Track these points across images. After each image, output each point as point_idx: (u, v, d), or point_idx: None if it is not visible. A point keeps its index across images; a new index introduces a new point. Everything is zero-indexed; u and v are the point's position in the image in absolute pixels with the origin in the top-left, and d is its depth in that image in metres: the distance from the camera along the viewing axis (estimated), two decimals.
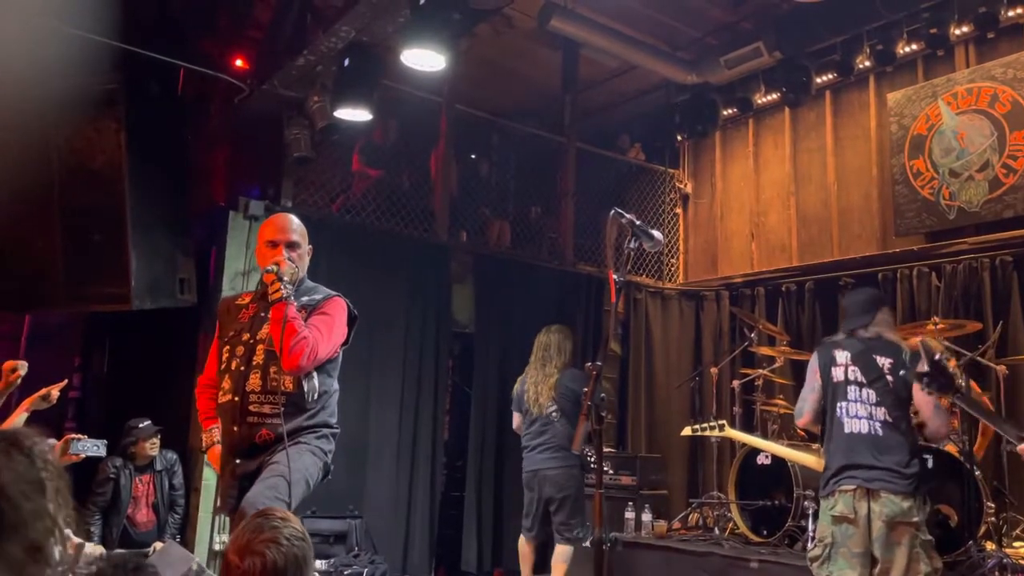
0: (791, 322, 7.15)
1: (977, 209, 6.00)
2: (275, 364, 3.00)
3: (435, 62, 5.15)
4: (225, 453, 3.09)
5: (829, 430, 3.72)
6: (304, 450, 2.98)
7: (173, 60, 5.65)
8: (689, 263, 8.26)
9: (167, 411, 5.84)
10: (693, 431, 5.52)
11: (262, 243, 3.18)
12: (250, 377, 3.04)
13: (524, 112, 7.82)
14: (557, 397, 5.27)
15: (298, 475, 2.88)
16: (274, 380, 3.00)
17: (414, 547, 6.31)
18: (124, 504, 5.27)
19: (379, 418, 6.29)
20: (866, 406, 3.59)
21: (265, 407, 3.00)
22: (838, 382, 3.69)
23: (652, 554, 5.37)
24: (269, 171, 6.12)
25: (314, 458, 3.00)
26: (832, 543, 3.54)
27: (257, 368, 3.04)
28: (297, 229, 3.22)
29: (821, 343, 3.99)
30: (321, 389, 3.09)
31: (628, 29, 7.07)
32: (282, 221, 3.24)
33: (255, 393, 3.01)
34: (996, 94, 5.95)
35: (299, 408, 3.03)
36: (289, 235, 3.17)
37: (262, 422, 2.97)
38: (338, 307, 3.13)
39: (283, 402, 2.96)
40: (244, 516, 2.70)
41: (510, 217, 7.55)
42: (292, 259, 3.11)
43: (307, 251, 3.25)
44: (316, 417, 3.07)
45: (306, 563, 1.80)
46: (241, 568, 1.74)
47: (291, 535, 1.80)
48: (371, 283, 6.29)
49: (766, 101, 7.48)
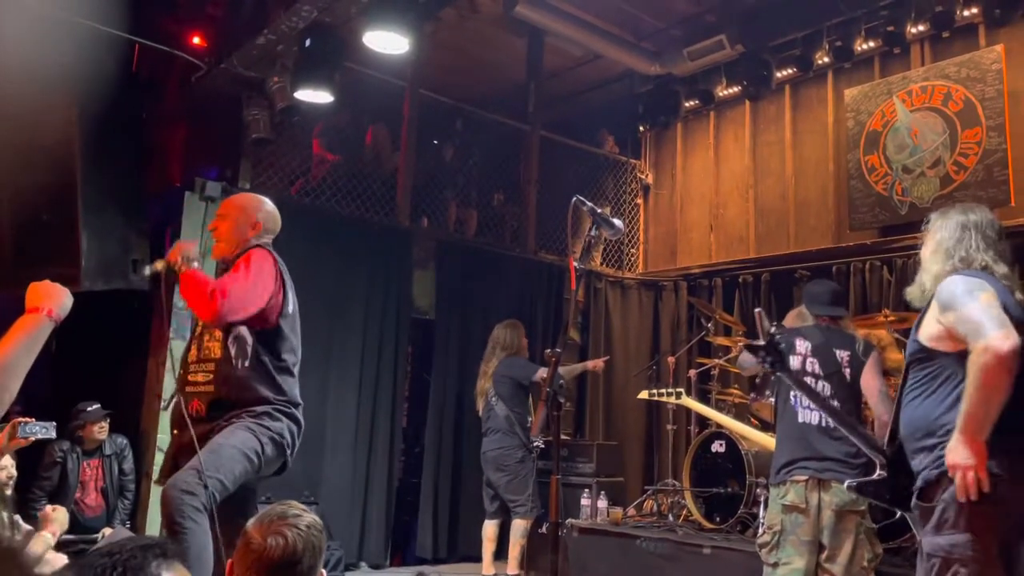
0: (747, 313, 7.24)
1: (928, 205, 6.13)
2: (208, 333, 3.10)
3: (398, 45, 5.10)
4: (171, 423, 3.21)
5: (782, 416, 3.80)
6: (238, 427, 2.92)
7: (128, 35, 5.51)
8: (649, 253, 8.33)
9: (118, 395, 5.73)
10: (650, 395, 5.71)
11: None
12: (191, 349, 3.18)
13: (488, 99, 7.79)
14: (496, 382, 5.71)
15: (230, 450, 2.84)
16: (206, 349, 3.09)
17: (371, 534, 6.29)
18: (72, 488, 5.18)
19: (337, 404, 6.25)
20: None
21: (199, 375, 3.07)
22: (794, 370, 3.76)
23: (607, 540, 5.42)
24: (227, 152, 6.01)
25: (249, 433, 2.91)
26: (781, 531, 3.62)
27: (196, 339, 3.16)
28: (232, 202, 3.33)
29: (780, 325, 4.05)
30: (254, 360, 3.00)
31: (593, 18, 7.07)
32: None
33: (192, 363, 3.12)
34: (949, 92, 6.09)
35: (228, 375, 2.99)
36: (220, 209, 3.30)
37: (195, 391, 3.03)
38: (252, 256, 3.07)
39: (213, 369, 3.01)
40: (165, 498, 2.71)
41: (474, 205, 7.52)
42: (217, 228, 3.21)
43: (243, 222, 3.22)
44: (253, 391, 2.99)
45: (321, 553, 1.89)
46: (264, 545, 1.82)
47: (311, 523, 1.89)
48: (331, 268, 6.23)
49: (727, 94, 7.55)
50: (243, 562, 1.85)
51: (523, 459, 5.59)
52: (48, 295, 2.07)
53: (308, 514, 1.92)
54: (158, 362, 5.63)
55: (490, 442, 5.69)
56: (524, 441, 5.63)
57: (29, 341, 1.94)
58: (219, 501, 2.77)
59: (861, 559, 3.53)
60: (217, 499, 2.75)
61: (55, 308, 2.04)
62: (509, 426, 5.62)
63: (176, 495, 2.68)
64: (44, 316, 2.01)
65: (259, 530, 1.86)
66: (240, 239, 3.19)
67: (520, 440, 5.62)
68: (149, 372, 5.75)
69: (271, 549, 1.82)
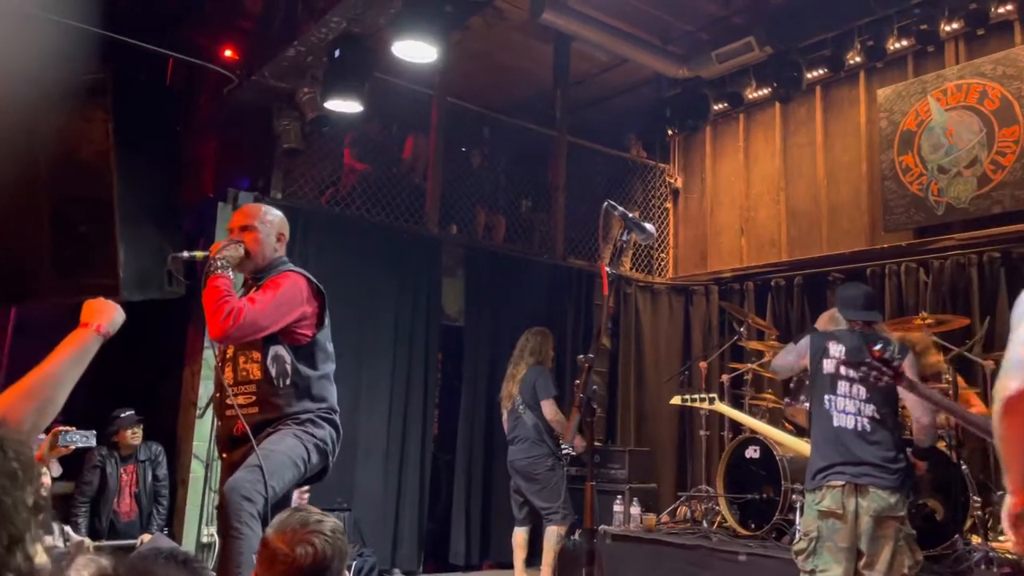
0: (780, 316, 7.17)
1: (965, 205, 6.03)
2: (243, 354, 3.04)
3: (427, 54, 5.13)
4: (217, 447, 3.19)
5: (817, 420, 3.74)
6: (286, 433, 2.96)
7: (162, 50, 5.60)
8: (679, 257, 8.28)
9: (154, 403, 5.81)
10: (683, 401, 5.64)
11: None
12: (224, 371, 3.10)
13: (515, 106, 7.81)
14: (522, 390, 5.66)
15: (281, 457, 2.87)
16: (243, 371, 3.04)
17: (403, 540, 6.30)
18: (112, 493, 5.30)
19: (368, 411, 6.28)
20: (855, 402, 3.62)
21: (239, 398, 3.04)
22: (828, 374, 3.71)
23: (641, 547, 5.38)
24: (258, 163, 6.08)
25: (296, 440, 2.95)
26: (818, 537, 3.56)
27: (229, 361, 3.10)
28: (254, 213, 3.22)
29: (813, 330, 4.01)
30: (295, 376, 3.03)
31: (619, 23, 7.06)
32: (237, 211, 3.32)
33: (230, 387, 3.06)
34: (985, 91, 5.98)
35: (270, 395, 3.01)
36: (242, 219, 3.19)
37: (237, 414, 2.99)
38: (284, 280, 3.05)
39: (254, 391, 2.99)
40: (224, 500, 2.73)
41: (503, 211, 7.54)
42: (244, 240, 3.12)
43: (270, 232, 3.19)
44: (296, 404, 3.03)
45: (346, 556, 1.89)
46: (292, 556, 1.81)
47: (334, 528, 1.89)
48: (361, 276, 6.27)
49: (757, 96, 7.49)
50: (271, 573, 1.83)
51: (553, 467, 5.55)
52: (100, 311, 2.11)
53: (328, 518, 1.92)
54: (193, 371, 5.71)
55: (518, 451, 5.64)
56: (553, 449, 5.59)
57: (78, 355, 1.98)
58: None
59: (901, 566, 3.46)
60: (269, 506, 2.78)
61: (104, 324, 2.08)
62: (538, 434, 5.59)
63: (236, 499, 2.70)
64: (93, 332, 2.05)
65: (284, 540, 1.84)
66: (269, 252, 3.19)
67: (549, 448, 5.58)
68: (184, 381, 5.83)
69: (301, 558, 1.80)
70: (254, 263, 3.16)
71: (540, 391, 5.60)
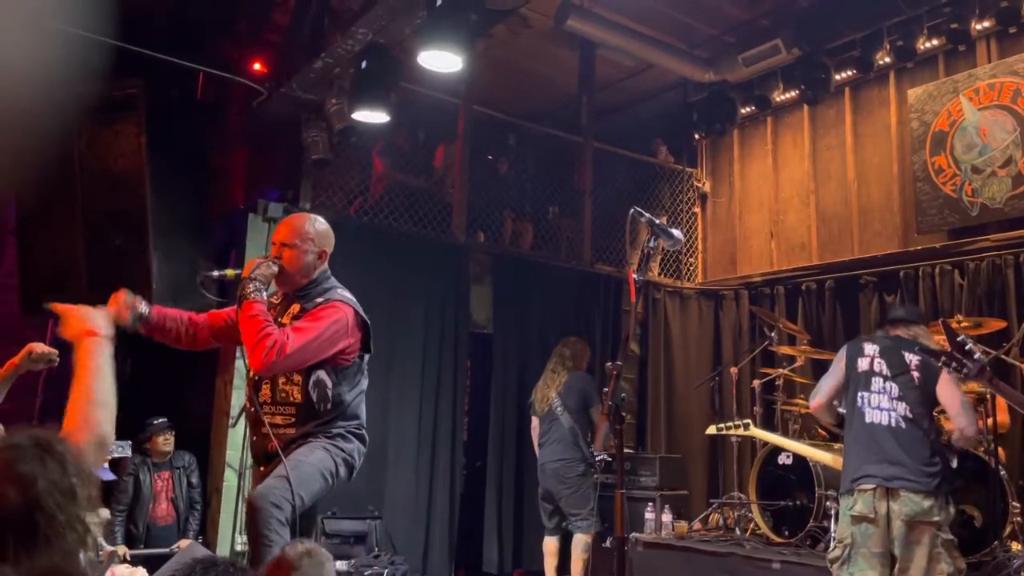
0: (811, 321, 7.09)
1: (1000, 205, 5.92)
2: (284, 375, 2.97)
3: (452, 63, 5.16)
4: (253, 459, 3.22)
5: (849, 421, 3.69)
6: (316, 446, 2.96)
7: (192, 64, 5.69)
8: (708, 262, 8.22)
9: (187, 414, 5.89)
10: (718, 430, 5.49)
11: None
12: (262, 387, 3.04)
13: (541, 113, 7.82)
14: (563, 393, 5.64)
15: (311, 468, 2.87)
16: (283, 392, 2.99)
17: (434, 548, 6.31)
18: (146, 500, 5.42)
19: (398, 419, 6.31)
20: (888, 399, 3.56)
21: (277, 418, 3.00)
22: (862, 371, 3.67)
23: (673, 554, 5.34)
24: (288, 174, 6.15)
25: (326, 453, 2.94)
26: (852, 543, 3.51)
27: (268, 379, 3.03)
28: (296, 229, 3.11)
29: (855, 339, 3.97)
30: (336, 400, 3.01)
31: (645, 28, 7.04)
32: (282, 222, 3.22)
33: (267, 404, 3.02)
34: (1019, 89, 5.87)
35: (309, 419, 2.98)
36: (283, 235, 3.10)
37: (273, 433, 2.94)
38: (330, 310, 2.98)
39: (293, 413, 2.97)
40: (253, 508, 2.75)
41: (529, 218, 7.54)
42: (282, 257, 3.04)
43: (310, 250, 3.10)
44: (332, 424, 3.02)
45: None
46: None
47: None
48: (389, 284, 6.31)
49: (784, 99, 7.42)
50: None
51: (585, 472, 5.56)
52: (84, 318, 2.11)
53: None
54: (225, 380, 5.78)
55: (551, 453, 5.61)
56: (586, 455, 5.59)
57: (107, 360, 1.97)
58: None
59: (940, 573, 3.37)
60: (297, 514, 2.79)
61: (95, 327, 2.05)
62: (573, 438, 5.58)
63: (265, 507, 2.71)
64: (100, 338, 2.03)
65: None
66: (309, 270, 3.11)
67: (582, 454, 5.58)
68: (217, 391, 5.90)
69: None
70: (293, 281, 3.10)
71: (590, 398, 5.61)
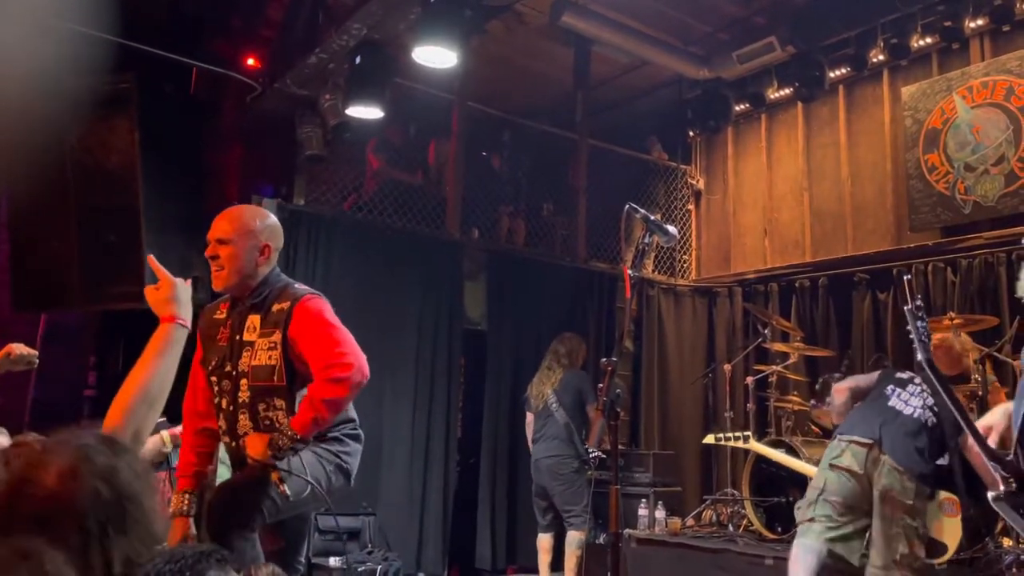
0: (805, 318, 7.11)
1: (993, 203, 5.94)
2: (263, 400, 2.70)
3: (447, 59, 5.15)
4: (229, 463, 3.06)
5: (867, 402, 3.70)
6: (306, 451, 2.74)
7: (185, 60, 5.67)
8: (702, 259, 8.23)
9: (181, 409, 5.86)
10: (716, 440, 5.47)
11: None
12: (239, 418, 2.75)
13: (536, 109, 7.81)
14: (559, 390, 5.63)
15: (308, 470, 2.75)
16: (266, 419, 2.71)
17: (428, 544, 6.31)
18: None
19: (392, 416, 6.30)
20: (922, 399, 3.59)
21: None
22: (900, 379, 3.72)
23: (666, 551, 5.35)
24: (282, 169, 6.14)
25: (316, 457, 2.74)
26: (823, 489, 3.51)
27: (244, 408, 2.74)
28: (233, 221, 2.75)
29: None
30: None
31: (639, 25, 7.04)
32: (220, 216, 2.81)
33: (248, 433, 2.74)
34: (1012, 87, 5.89)
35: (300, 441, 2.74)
36: (218, 231, 2.72)
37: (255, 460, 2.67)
38: (320, 309, 2.72)
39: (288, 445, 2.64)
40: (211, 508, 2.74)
41: (524, 215, 7.54)
42: (218, 256, 2.73)
43: (252, 246, 2.75)
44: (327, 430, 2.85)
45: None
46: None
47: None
48: (383, 281, 6.30)
49: (779, 96, 7.43)
50: None
51: (579, 469, 5.56)
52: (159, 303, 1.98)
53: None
54: None
55: (545, 448, 5.62)
56: (580, 452, 5.59)
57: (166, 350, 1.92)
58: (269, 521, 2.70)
59: (893, 551, 3.38)
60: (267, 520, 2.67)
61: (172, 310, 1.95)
62: (568, 435, 5.59)
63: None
64: (170, 325, 1.93)
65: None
66: (250, 269, 2.76)
67: (576, 450, 5.58)
68: None
69: None
70: (237, 284, 2.77)
71: (586, 396, 5.62)
